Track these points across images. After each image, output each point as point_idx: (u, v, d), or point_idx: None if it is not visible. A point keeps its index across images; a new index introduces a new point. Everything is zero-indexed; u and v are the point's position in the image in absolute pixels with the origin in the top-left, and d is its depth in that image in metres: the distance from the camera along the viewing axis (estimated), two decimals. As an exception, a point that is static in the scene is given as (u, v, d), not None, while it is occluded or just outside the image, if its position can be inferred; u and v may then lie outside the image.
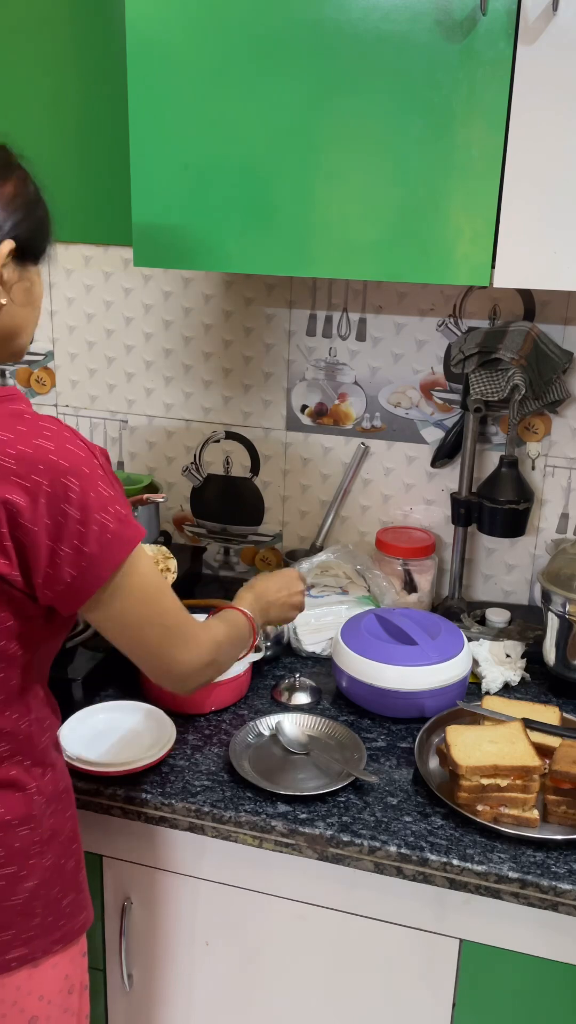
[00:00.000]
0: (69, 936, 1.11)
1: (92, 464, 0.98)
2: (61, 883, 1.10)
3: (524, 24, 1.21)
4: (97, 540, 0.97)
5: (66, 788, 1.14)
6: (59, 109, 1.78)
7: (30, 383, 2.01)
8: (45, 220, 1.06)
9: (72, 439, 0.98)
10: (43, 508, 0.94)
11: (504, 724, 1.34)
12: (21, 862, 1.06)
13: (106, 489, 0.98)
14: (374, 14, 1.25)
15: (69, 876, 1.12)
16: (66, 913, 1.11)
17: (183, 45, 1.33)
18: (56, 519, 0.95)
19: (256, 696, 1.54)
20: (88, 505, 0.96)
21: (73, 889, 1.12)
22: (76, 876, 1.14)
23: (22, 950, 1.06)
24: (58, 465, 0.95)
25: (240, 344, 1.86)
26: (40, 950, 1.08)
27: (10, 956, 1.05)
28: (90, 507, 0.96)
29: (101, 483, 0.98)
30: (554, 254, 1.29)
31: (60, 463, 0.95)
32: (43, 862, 1.08)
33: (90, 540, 0.96)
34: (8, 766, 1.05)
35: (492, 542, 1.83)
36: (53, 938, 1.09)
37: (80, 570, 0.97)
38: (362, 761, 1.35)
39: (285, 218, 1.37)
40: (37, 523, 0.94)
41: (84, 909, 1.15)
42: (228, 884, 1.34)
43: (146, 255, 1.44)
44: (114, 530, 0.98)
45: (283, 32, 1.29)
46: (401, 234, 1.33)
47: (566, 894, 1.16)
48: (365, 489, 1.88)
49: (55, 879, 1.09)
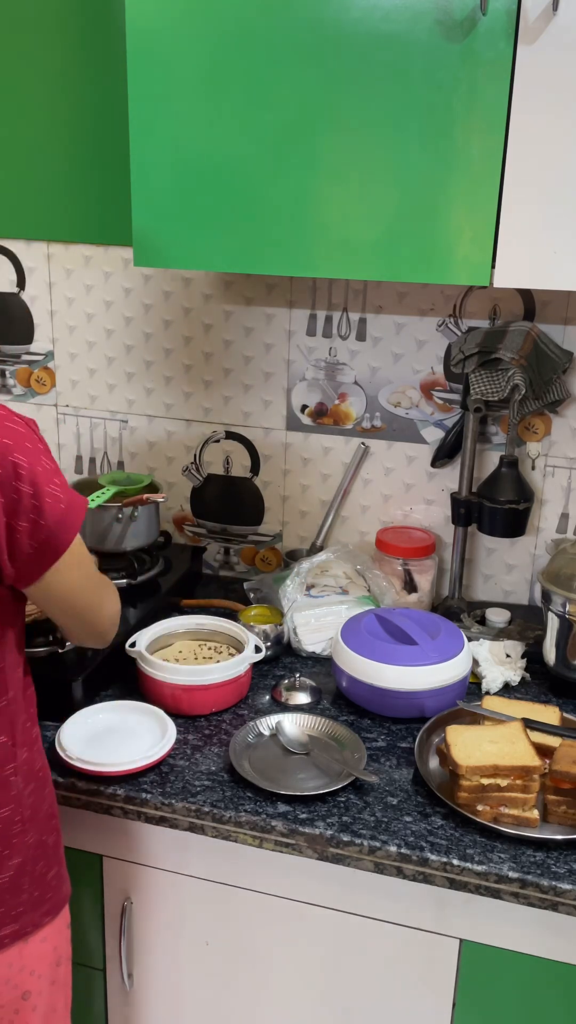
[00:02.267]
0: (56, 908, 1.16)
1: (32, 439, 1.02)
2: (45, 858, 1.15)
3: (524, 24, 1.21)
4: (51, 512, 1.01)
5: (43, 766, 1.17)
6: (59, 109, 1.78)
7: (30, 383, 2.01)
8: None
9: (9, 416, 1.01)
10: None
11: (504, 724, 1.34)
12: (4, 842, 1.09)
13: (47, 462, 1.02)
14: (374, 14, 1.25)
15: (51, 850, 1.16)
16: (52, 886, 1.15)
17: (183, 45, 1.33)
18: (10, 496, 0.98)
19: (256, 696, 1.54)
20: (37, 480, 0.99)
21: (56, 863, 1.17)
22: (57, 850, 1.18)
23: (12, 926, 1.10)
24: (2, 444, 0.98)
25: (240, 344, 1.86)
26: (31, 924, 1.12)
27: (2, 933, 1.09)
28: (39, 481, 1.00)
29: (43, 456, 1.02)
30: (554, 254, 1.29)
31: (4, 441, 0.98)
32: (26, 840, 1.11)
33: (45, 512, 1.00)
34: None
35: (492, 542, 1.83)
36: (42, 911, 1.13)
37: (39, 541, 1.01)
38: (362, 761, 1.35)
39: (285, 218, 1.37)
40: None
41: (65, 880, 1.20)
42: (228, 884, 1.34)
43: (146, 255, 1.44)
44: (65, 500, 1.02)
45: (283, 32, 1.29)
46: (401, 234, 1.33)
47: (566, 894, 1.16)
48: (365, 489, 1.88)
49: (39, 855, 1.13)
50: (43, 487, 1.00)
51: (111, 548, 1.74)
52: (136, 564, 1.75)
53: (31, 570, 1.03)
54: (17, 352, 1.99)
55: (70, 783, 1.32)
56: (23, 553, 1.01)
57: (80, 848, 1.39)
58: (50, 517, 1.01)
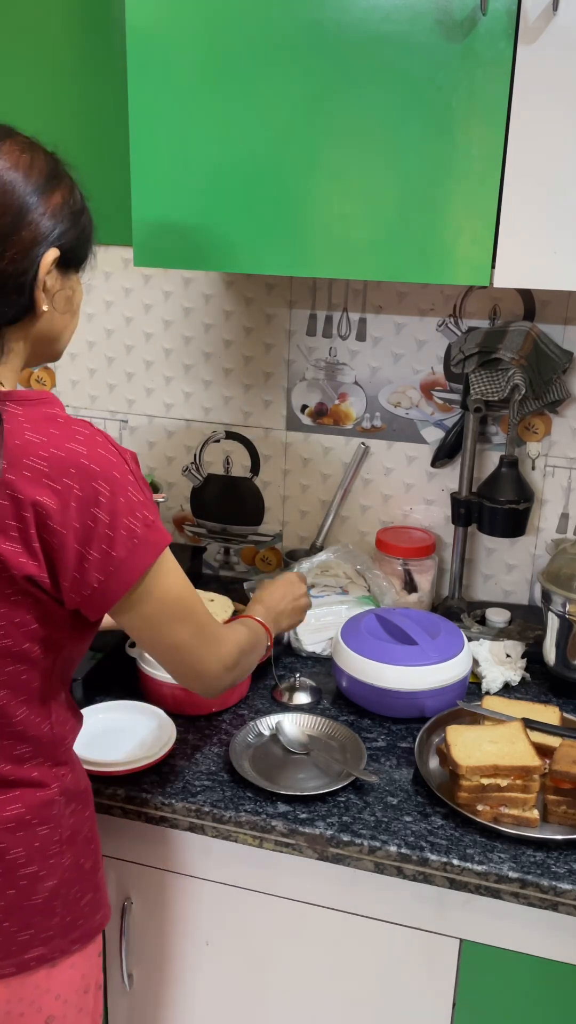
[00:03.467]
0: (87, 936, 1.12)
1: (123, 469, 0.98)
2: (80, 883, 1.11)
3: (524, 24, 1.21)
4: (125, 545, 0.97)
5: (85, 788, 1.14)
6: (59, 109, 1.78)
7: (30, 383, 2.01)
8: (89, 229, 1.06)
9: (104, 444, 0.98)
10: (73, 512, 0.94)
11: (504, 724, 1.34)
12: (41, 862, 1.06)
13: (135, 494, 0.99)
14: (374, 14, 1.25)
15: (87, 875, 1.12)
16: (84, 912, 1.11)
17: (183, 45, 1.33)
18: (85, 523, 0.95)
19: (256, 696, 1.54)
20: (117, 510, 0.96)
21: (91, 888, 1.13)
22: (94, 876, 1.14)
23: (41, 950, 1.07)
24: (89, 469, 0.95)
25: (240, 344, 1.86)
26: (58, 950, 1.08)
27: (29, 956, 1.06)
28: (119, 512, 0.96)
29: (131, 488, 0.98)
30: (554, 254, 1.29)
31: (91, 467, 0.95)
32: (63, 861, 1.08)
33: (118, 544, 0.97)
34: (30, 767, 1.06)
35: (492, 542, 1.83)
36: (71, 937, 1.09)
37: (107, 574, 0.98)
38: (362, 761, 1.35)
39: (285, 218, 1.37)
40: (66, 526, 0.94)
41: (101, 908, 1.15)
42: (228, 884, 1.34)
43: (146, 255, 1.44)
44: (141, 535, 0.98)
45: (283, 32, 1.29)
46: (401, 234, 1.33)
47: (566, 894, 1.16)
48: (365, 489, 1.88)
49: (74, 879, 1.10)
50: (121, 518, 0.97)
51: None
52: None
53: (98, 602, 0.99)
54: (17, 352, 1.99)
55: (70, 783, 1.32)
56: (90, 583, 0.97)
57: (80, 848, 1.39)
58: (122, 550, 0.97)
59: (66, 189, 1.02)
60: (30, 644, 1.00)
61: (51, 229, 0.98)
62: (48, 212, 0.98)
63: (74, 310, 1.08)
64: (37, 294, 0.99)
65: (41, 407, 0.99)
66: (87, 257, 1.07)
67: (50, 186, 0.99)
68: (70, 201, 1.02)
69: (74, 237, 1.02)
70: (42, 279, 0.98)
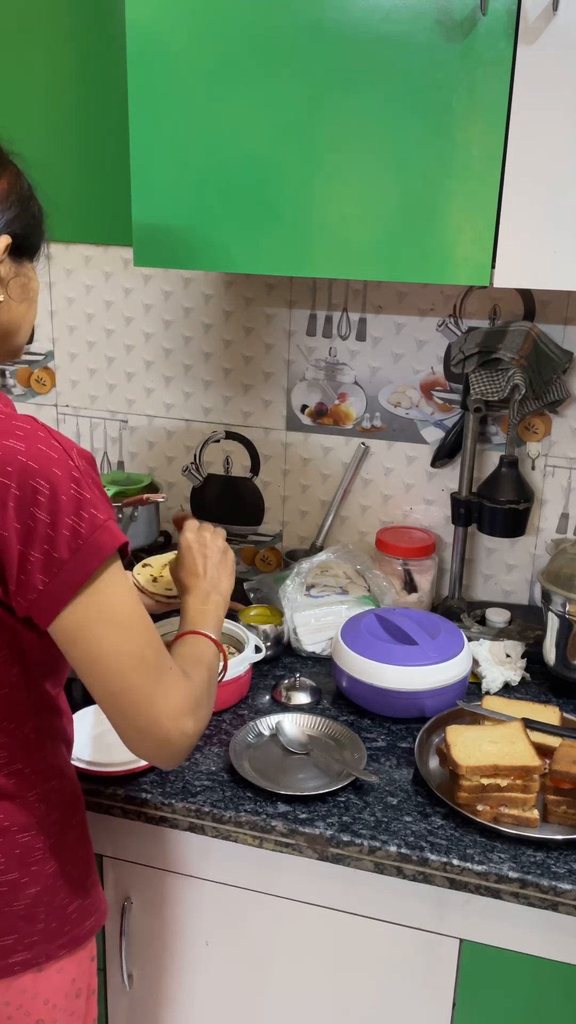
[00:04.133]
0: (75, 941, 1.10)
1: (66, 465, 0.93)
2: (66, 889, 1.09)
3: (524, 24, 1.21)
4: (68, 545, 0.92)
5: (73, 794, 1.12)
6: (59, 109, 1.78)
7: (30, 383, 2.01)
8: (39, 216, 1.05)
9: (46, 440, 0.93)
10: (12, 512, 0.90)
11: (504, 724, 1.34)
12: (22, 869, 1.05)
13: (79, 492, 0.93)
14: (374, 14, 1.25)
15: (75, 882, 1.10)
16: (71, 919, 1.09)
17: (183, 45, 1.33)
18: (26, 523, 0.91)
19: (256, 696, 1.54)
20: (59, 509, 0.91)
21: (80, 895, 1.10)
22: (84, 882, 1.12)
23: (25, 955, 1.05)
24: (27, 467, 0.91)
25: (240, 344, 1.86)
26: (44, 955, 1.06)
27: (13, 960, 1.05)
28: (61, 511, 0.91)
29: (75, 486, 0.92)
30: (554, 254, 1.29)
31: (29, 464, 0.91)
32: (46, 869, 1.06)
33: (59, 545, 0.91)
34: (5, 776, 1.03)
35: (492, 542, 1.83)
36: (58, 943, 1.08)
37: (51, 576, 0.92)
38: (362, 761, 1.35)
39: (285, 218, 1.37)
40: (6, 527, 0.91)
41: (93, 913, 1.13)
42: (228, 884, 1.34)
43: (146, 255, 1.44)
44: (86, 535, 0.92)
45: (283, 32, 1.29)
46: (401, 234, 1.33)
47: (566, 894, 1.16)
48: (365, 489, 1.88)
49: (59, 886, 1.08)
50: (63, 517, 0.91)
51: (111, 548, 1.74)
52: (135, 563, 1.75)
53: (45, 607, 0.93)
54: (17, 352, 1.99)
55: (70, 783, 1.32)
56: (34, 586, 0.92)
57: (80, 848, 1.39)
58: (64, 550, 0.91)
59: (11, 175, 1.01)
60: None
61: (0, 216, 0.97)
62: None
63: (30, 299, 1.06)
64: None
65: None
66: (39, 245, 1.06)
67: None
68: (16, 187, 1.01)
69: (24, 223, 1.01)
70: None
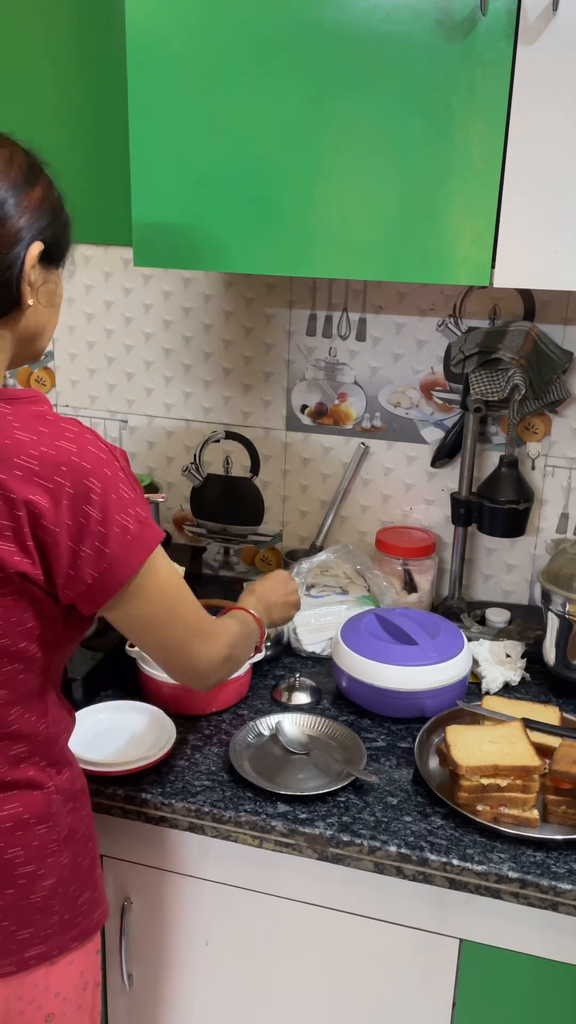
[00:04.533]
0: (85, 933, 1.12)
1: (113, 466, 0.99)
2: (78, 881, 1.11)
3: (524, 24, 1.21)
4: (118, 541, 0.98)
5: (82, 787, 1.15)
6: (59, 109, 1.78)
7: (30, 383, 2.01)
8: (68, 224, 1.08)
9: (94, 441, 0.99)
10: (65, 509, 0.95)
11: (504, 724, 1.34)
12: (40, 861, 1.07)
13: (127, 491, 0.99)
14: (374, 14, 1.25)
15: (86, 874, 1.13)
16: (83, 911, 1.12)
17: (183, 45, 1.33)
18: (78, 520, 0.96)
19: (256, 696, 1.54)
20: (109, 507, 0.97)
21: (89, 887, 1.14)
22: (92, 873, 1.15)
23: (40, 948, 1.07)
24: (80, 467, 0.96)
25: (240, 344, 1.86)
26: (57, 948, 1.09)
27: (28, 954, 1.06)
28: (111, 509, 0.97)
29: (122, 485, 0.99)
30: (554, 254, 1.29)
31: (82, 464, 0.96)
32: (61, 860, 1.09)
33: (111, 541, 0.98)
34: (26, 767, 1.06)
35: (492, 542, 1.83)
36: (70, 935, 1.10)
37: (101, 571, 0.98)
38: (362, 761, 1.35)
39: (285, 218, 1.37)
40: (59, 524, 0.95)
41: (99, 906, 1.16)
42: (228, 884, 1.34)
43: (146, 255, 1.44)
44: (134, 532, 0.99)
45: (283, 32, 1.29)
46: (401, 234, 1.33)
47: (566, 894, 1.16)
48: (365, 489, 1.88)
49: (72, 877, 1.10)
50: (114, 515, 0.97)
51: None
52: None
53: (93, 597, 1.00)
54: (17, 352, 1.99)
55: (70, 783, 1.32)
56: (84, 579, 0.98)
57: (80, 848, 1.39)
58: (115, 547, 0.98)
59: (45, 184, 1.03)
60: (27, 643, 1.01)
61: (34, 223, 0.99)
62: (30, 207, 0.99)
63: (56, 305, 1.09)
64: (23, 288, 1.00)
65: (30, 405, 1.00)
66: (67, 252, 1.09)
67: (29, 181, 1.00)
68: (50, 196, 1.04)
69: (56, 231, 1.04)
70: (27, 273, 0.99)
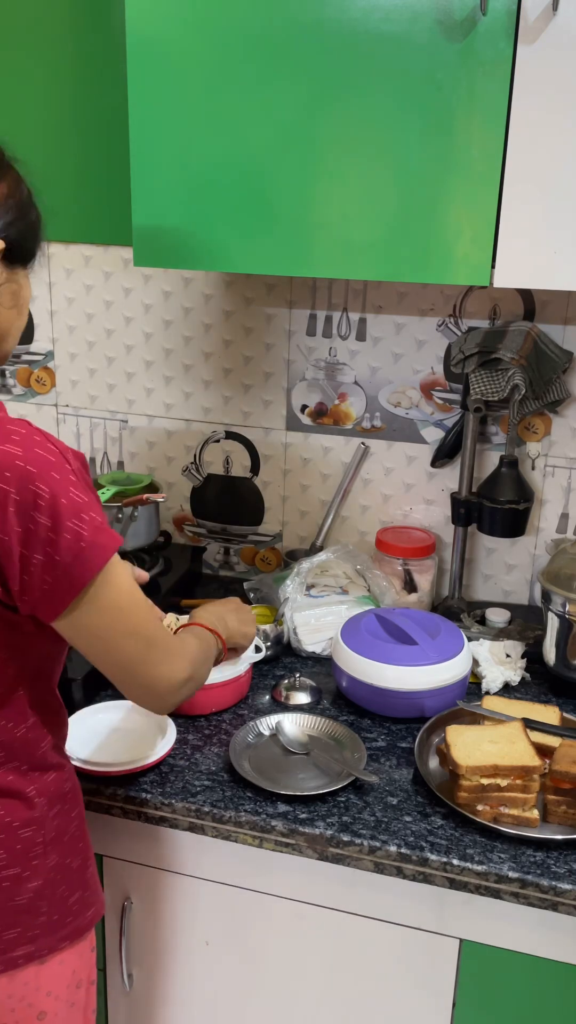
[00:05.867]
0: (76, 933, 1.11)
1: (63, 469, 0.95)
2: (67, 882, 1.10)
3: (524, 24, 1.21)
4: (70, 548, 0.94)
5: (72, 789, 1.13)
6: (59, 109, 1.78)
7: (30, 383, 2.01)
8: (37, 223, 1.04)
9: (42, 443, 0.95)
10: (12, 516, 0.92)
11: (504, 724, 1.34)
12: (24, 863, 1.06)
13: (78, 495, 0.95)
14: (374, 14, 1.25)
15: (76, 874, 1.12)
16: (73, 911, 1.11)
17: (183, 45, 1.33)
18: (26, 527, 0.92)
19: (256, 696, 1.54)
20: (59, 512, 0.93)
21: (80, 887, 1.12)
22: (83, 874, 1.13)
23: (28, 948, 1.07)
24: (26, 471, 0.92)
25: (240, 344, 1.86)
26: (46, 947, 1.08)
27: (16, 954, 1.06)
28: (61, 514, 0.93)
29: (73, 489, 0.94)
30: (554, 254, 1.29)
31: (28, 469, 0.92)
32: (47, 862, 1.08)
33: (62, 548, 0.94)
34: (4, 772, 1.05)
35: (492, 542, 1.83)
36: (60, 935, 1.09)
37: (55, 577, 0.95)
38: (362, 761, 1.35)
39: (285, 218, 1.37)
40: (7, 532, 0.92)
41: (92, 905, 1.14)
42: (228, 884, 1.34)
43: (146, 255, 1.44)
44: (88, 538, 0.95)
45: (283, 32, 1.29)
46: (401, 234, 1.33)
47: (566, 894, 1.16)
48: (365, 489, 1.88)
49: (60, 879, 1.09)
50: (64, 521, 0.93)
51: (111, 548, 1.74)
52: (136, 564, 1.75)
53: (48, 606, 0.97)
54: (17, 352, 1.99)
55: (70, 783, 1.32)
56: (38, 586, 0.95)
57: (80, 848, 1.39)
58: (66, 554, 0.94)
59: (12, 180, 1.00)
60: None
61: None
62: None
63: (20, 306, 1.05)
64: None
65: None
66: (35, 252, 1.05)
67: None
68: (15, 193, 1.00)
69: (21, 229, 1.01)
70: None
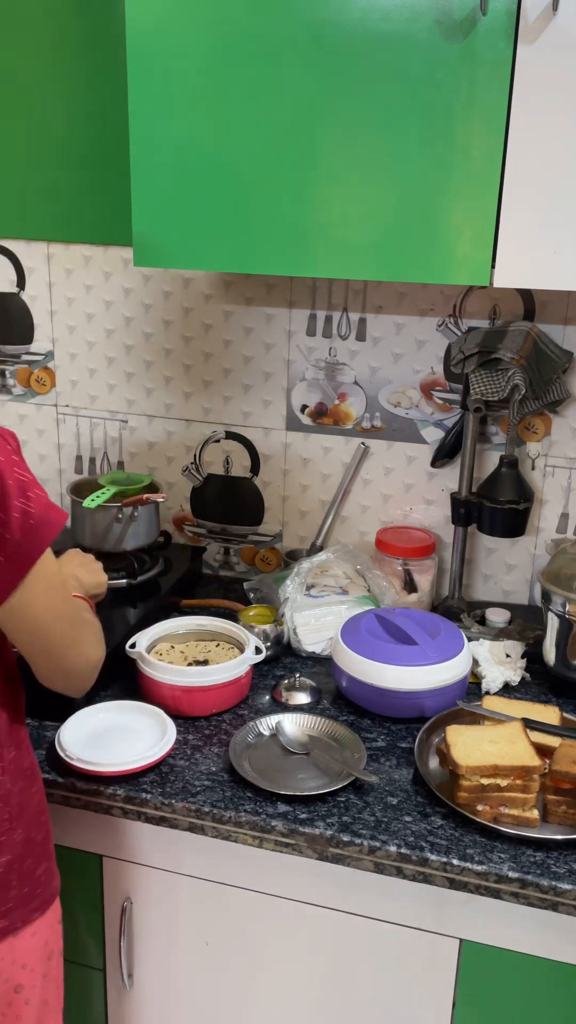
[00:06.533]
0: (45, 903, 1.16)
1: (6, 450, 0.98)
2: (34, 855, 1.15)
3: (524, 24, 1.21)
4: (20, 526, 0.97)
5: (30, 764, 1.17)
6: (59, 109, 1.78)
7: (30, 383, 2.01)
8: None
9: None
10: None
11: (504, 724, 1.34)
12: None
13: (22, 474, 0.98)
14: (374, 14, 1.25)
15: (40, 847, 1.16)
16: (41, 882, 1.16)
17: (183, 45, 1.33)
18: None
19: (256, 696, 1.54)
20: (7, 492, 0.96)
21: (45, 858, 1.17)
22: (46, 847, 1.18)
23: (2, 922, 1.11)
24: None
25: (240, 344, 1.86)
26: (20, 920, 1.12)
27: None
28: (8, 494, 0.96)
29: (17, 468, 0.98)
30: (554, 254, 1.29)
31: None
32: (15, 837, 1.12)
33: (12, 527, 0.97)
34: None
35: (492, 542, 1.83)
36: (31, 907, 1.14)
37: (7, 555, 0.97)
38: (362, 761, 1.35)
39: (285, 218, 1.37)
40: None
41: (55, 875, 1.20)
42: (228, 884, 1.34)
43: (146, 255, 1.44)
44: (37, 515, 0.98)
45: (283, 32, 1.29)
46: (401, 234, 1.33)
47: (566, 894, 1.16)
48: (365, 489, 1.88)
49: (27, 852, 1.14)
50: (12, 500, 0.96)
51: (111, 548, 1.74)
52: (136, 564, 1.75)
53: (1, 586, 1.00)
54: (17, 352, 1.99)
55: (70, 783, 1.32)
56: None
57: (80, 848, 1.39)
58: (17, 531, 0.97)
59: None
60: None
61: None
62: None
63: None
64: None
65: None
66: None
67: None
68: None
69: None
70: None
